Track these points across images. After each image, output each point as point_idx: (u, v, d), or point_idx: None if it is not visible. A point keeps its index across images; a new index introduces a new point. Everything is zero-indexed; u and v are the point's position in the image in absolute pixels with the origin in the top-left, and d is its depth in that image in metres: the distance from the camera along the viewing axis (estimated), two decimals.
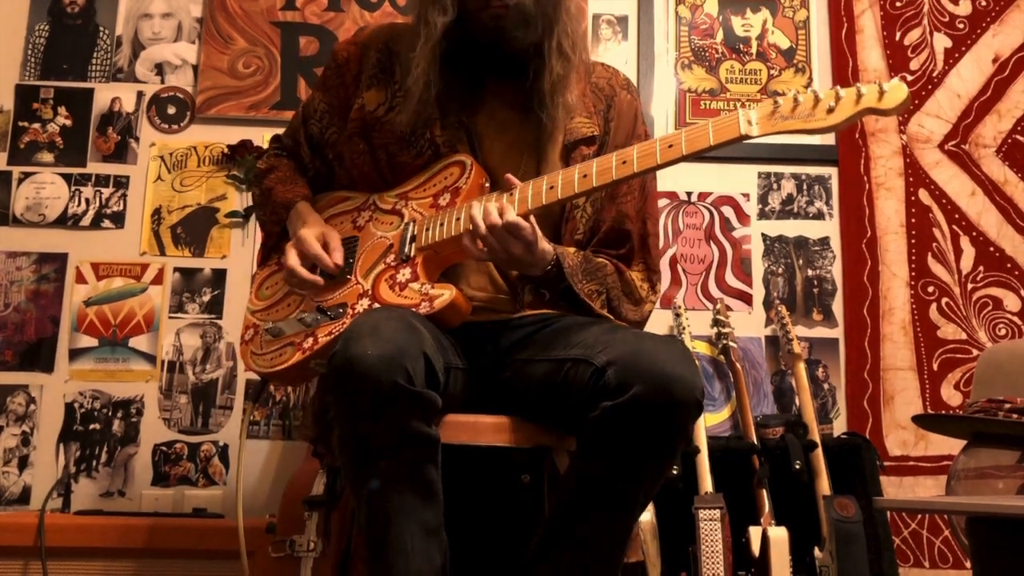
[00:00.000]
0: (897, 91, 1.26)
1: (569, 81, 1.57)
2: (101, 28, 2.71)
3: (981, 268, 2.68)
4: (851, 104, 1.27)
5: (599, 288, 1.57)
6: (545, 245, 1.48)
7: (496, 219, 1.40)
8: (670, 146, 1.37)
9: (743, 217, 2.71)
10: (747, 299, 2.66)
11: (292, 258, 1.57)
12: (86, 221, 2.59)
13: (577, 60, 1.59)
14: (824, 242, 2.71)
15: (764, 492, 2.22)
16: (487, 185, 1.56)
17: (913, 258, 2.69)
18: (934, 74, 2.79)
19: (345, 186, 1.71)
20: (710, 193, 2.71)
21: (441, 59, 1.53)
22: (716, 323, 2.55)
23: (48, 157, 2.62)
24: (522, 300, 1.58)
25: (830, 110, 1.28)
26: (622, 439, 1.30)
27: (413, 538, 1.28)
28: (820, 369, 2.63)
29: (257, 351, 1.63)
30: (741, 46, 2.80)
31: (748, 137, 1.32)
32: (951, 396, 2.61)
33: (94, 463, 2.46)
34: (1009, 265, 2.68)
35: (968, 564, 2.34)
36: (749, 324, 2.64)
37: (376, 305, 1.49)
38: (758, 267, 2.68)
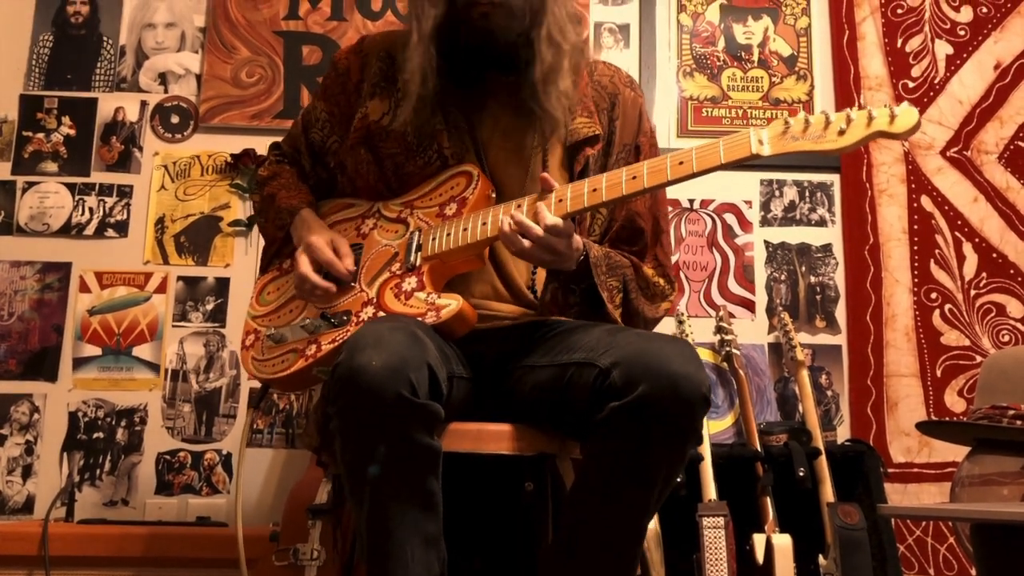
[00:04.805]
0: (908, 116, 1.26)
1: (561, 70, 1.55)
2: (105, 38, 2.72)
3: (984, 274, 2.68)
4: (862, 127, 1.28)
5: (618, 284, 1.57)
6: (577, 238, 1.48)
7: (538, 231, 1.40)
8: (681, 163, 1.37)
9: (745, 224, 2.71)
10: (750, 306, 2.67)
11: (304, 265, 1.56)
12: (90, 230, 2.59)
13: (569, 48, 1.57)
14: (827, 249, 2.71)
15: (768, 499, 2.22)
16: (493, 196, 1.56)
17: (916, 264, 2.69)
18: (936, 81, 2.79)
19: (348, 194, 1.71)
20: (712, 200, 2.72)
21: (438, 58, 1.52)
22: (719, 330, 2.55)
23: (52, 167, 2.63)
24: (542, 300, 1.58)
25: (841, 132, 1.28)
26: (630, 440, 1.29)
27: (413, 549, 1.27)
28: (823, 376, 2.63)
29: (259, 357, 1.63)
30: (743, 54, 2.81)
31: (759, 157, 1.33)
32: (955, 403, 2.61)
33: (98, 472, 2.46)
34: (1012, 271, 2.68)
35: (973, 571, 2.34)
36: (752, 331, 2.64)
37: (381, 313, 1.49)
38: (761, 274, 2.69)
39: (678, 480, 2.10)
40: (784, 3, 2.84)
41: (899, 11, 2.84)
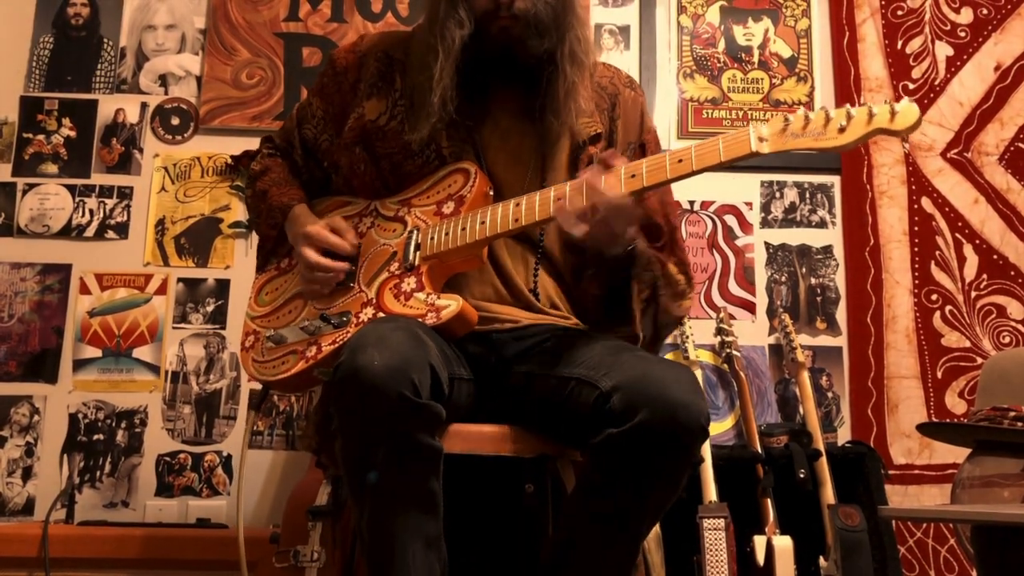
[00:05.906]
0: (909, 113, 1.25)
1: (582, 87, 1.56)
2: (105, 40, 2.72)
3: (984, 276, 2.68)
4: (862, 124, 1.27)
5: (649, 280, 1.56)
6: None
7: (610, 197, 1.36)
8: (680, 161, 1.36)
9: (746, 226, 2.71)
10: (750, 308, 2.66)
11: (312, 255, 1.55)
12: (90, 232, 2.60)
13: (589, 66, 1.59)
14: (827, 250, 2.71)
15: (768, 501, 2.21)
16: (491, 193, 1.56)
17: (916, 266, 2.69)
18: (936, 82, 2.79)
19: (344, 193, 1.70)
20: (713, 202, 2.71)
21: (456, 74, 1.52)
22: (719, 332, 2.55)
23: (52, 168, 2.63)
24: (580, 285, 1.57)
25: (841, 129, 1.27)
26: (627, 466, 1.29)
27: (415, 552, 1.27)
28: (824, 378, 2.62)
29: (259, 358, 1.62)
30: (743, 55, 2.81)
31: (759, 154, 1.32)
32: (955, 404, 2.61)
33: (98, 474, 2.46)
34: (1013, 273, 2.68)
35: (974, 573, 2.34)
36: (753, 333, 2.64)
37: (381, 314, 1.49)
38: (761, 276, 2.69)
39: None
40: (784, 5, 2.84)
41: (899, 13, 2.84)
